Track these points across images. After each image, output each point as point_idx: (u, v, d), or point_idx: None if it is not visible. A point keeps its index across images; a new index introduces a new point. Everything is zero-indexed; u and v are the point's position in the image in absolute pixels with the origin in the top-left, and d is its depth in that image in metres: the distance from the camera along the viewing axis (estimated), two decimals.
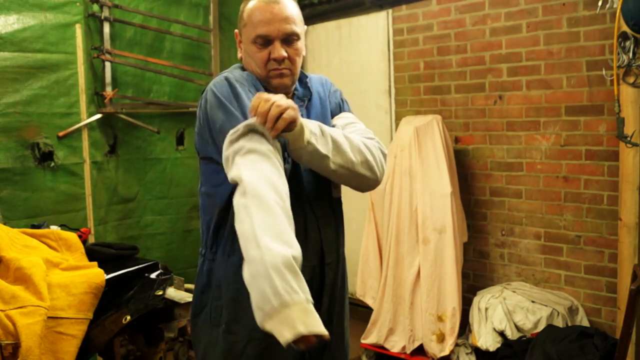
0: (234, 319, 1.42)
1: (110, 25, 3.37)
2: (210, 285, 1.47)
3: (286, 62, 1.42)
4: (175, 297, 2.94)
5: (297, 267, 1.12)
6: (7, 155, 2.94)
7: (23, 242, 2.20)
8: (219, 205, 1.44)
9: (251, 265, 1.13)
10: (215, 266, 1.46)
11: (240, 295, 1.38)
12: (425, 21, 3.71)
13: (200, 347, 1.51)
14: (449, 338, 3.07)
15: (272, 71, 1.43)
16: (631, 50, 2.62)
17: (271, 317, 1.07)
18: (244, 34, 1.46)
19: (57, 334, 1.88)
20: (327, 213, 1.52)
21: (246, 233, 1.15)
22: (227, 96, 1.38)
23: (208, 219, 1.50)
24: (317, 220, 1.48)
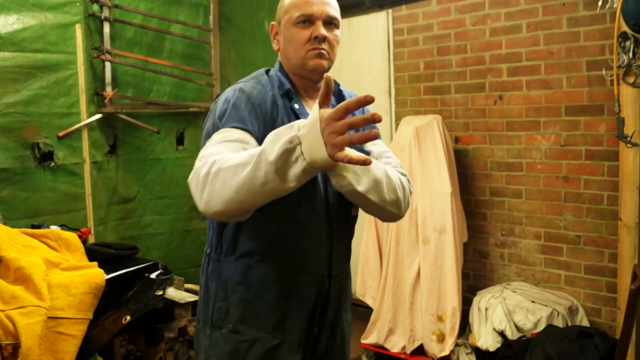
0: (241, 320, 1.40)
1: (110, 25, 3.37)
2: (215, 286, 1.44)
3: (326, 44, 1.41)
4: (175, 297, 2.94)
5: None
6: (7, 155, 2.94)
7: (23, 242, 2.20)
8: None
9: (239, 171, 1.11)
10: (220, 267, 1.44)
11: (247, 295, 1.39)
12: (425, 21, 3.71)
13: (201, 350, 1.48)
14: (449, 338, 3.07)
15: (310, 51, 1.40)
16: (631, 50, 2.62)
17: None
18: (284, 20, 1.44)
19: (57, 334, 1.88)
20: (342, 228, 1.50)
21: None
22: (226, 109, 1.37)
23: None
24: (332, 233, 1.45)
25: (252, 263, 1.39)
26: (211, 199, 1.15)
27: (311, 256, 1.42)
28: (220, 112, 1.36)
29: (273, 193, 1.12)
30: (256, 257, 1.39)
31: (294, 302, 1.41)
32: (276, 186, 1.09)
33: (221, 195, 1.13)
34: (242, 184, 1.11)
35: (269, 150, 1.08)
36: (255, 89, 1.41)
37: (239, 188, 1.11)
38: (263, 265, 1.39)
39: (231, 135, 1.29)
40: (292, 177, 1.08)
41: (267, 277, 1.39)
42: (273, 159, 1.06)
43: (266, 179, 1.08)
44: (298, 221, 1.39)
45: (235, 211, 1.18)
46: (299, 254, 1.40)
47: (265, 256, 1.39)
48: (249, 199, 1.13)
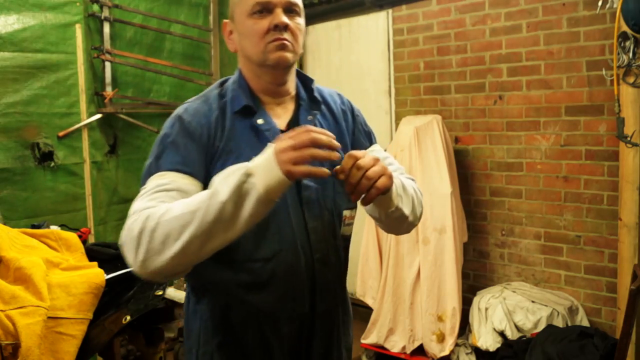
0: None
1: (110, 25, 3.37)
2: (198, 328, 1.29)
3: (289, 33, 1.22)
4: (175, 297, 2.94)
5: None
6: (7, 155, 2.94)
7: (23, 242, 2.20)
8: None
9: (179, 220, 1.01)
10: (199, 308, 1.28)
11: (227, 339, 1.26)
12: (425, 21, 3.71)
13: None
14: (449, 338, 3.07)
15: (271, 43, 1.20)
16: (631, 50, 2.62)
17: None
18: (237, 12, 1.26)
19: (57, 334, 1.88)
20: (329, 254, 1.28)
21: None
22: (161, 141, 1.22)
23: None
24: (313, 263, 1.25)
25: (230, 302, 1.25)
26: (148, 257, 1.02)
27: (286, 295, 1.23)
28: (157, 150, 1.20)
29: (225, 238, 1.01)
30: (232, 297, 1.24)
31: (275, 343, 1.26)
32: (229, 228, 0.99)
33: (162, 251, 1.01)
34: (189, 235, 0.99)
35: (220, 190, 0.99)
36: (198, 113, 1.23)
37: (186, 240, 0.99)
38: (240, 306, 1.24)
39: (168, 183, 1.13)
40: (245, 213, 0.99)
41: (245, 319, 1.24)
42: (225, 198, 0.97)
43: (218, 222, 0.98)
44: (266, 258, 1.21)
45: (176, 268, 1.04)
46: (273, 294, 1.23)
47: (240, 297, 1.23)
48: (197, 251, 1.01)
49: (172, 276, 1.09)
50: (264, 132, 1.22)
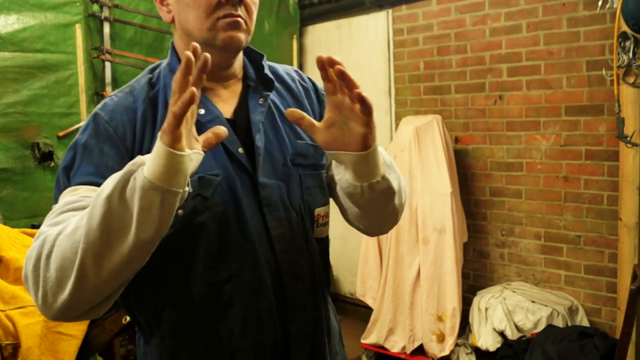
0: None
1: (110, 25, 3.37)
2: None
3: (242, 8, 1.00)
4: None
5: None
6: (7, 155, 2.94)
7: (23, 242, 2.20)
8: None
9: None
10: (148, 350, 1.05)
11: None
12: (425, 21, 3.71)
13: None
14: (449, 338, 3.07)
15: (222, 20, 0.97)
16: (631, 50, 2.62)
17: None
18: None
19: (57, 334, 1.88)
20: (300, 265, 1.05)
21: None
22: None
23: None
24: (282, 276, 1.02)
25: (179, 345, 1.00)
26: (48, 293, 0.81)
27: (250, 321, 1.00)
28: (67, 160, 0.97)
29: (124, 250, 0.78)
30: (183, 336, 0.99)
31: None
32: (122, 232, 0.77)
33: (61, 282, 0.80)
34: (82, 251, 0.78)
35: (105, 187, 0.79)
36: (119, 108, 0.99)
37: (79, 259, 0.78)
38: (194, 346, 0.99)
39: (79, 200, 0.89)
40: (135, 205, 0.77)
41: (204, 357, 1.00)
42: (108, 192, 0.77)
43: (106, 225, 0.77)
44: (221, 281, 0.98)
45: (85, 302, 0.82)
46: (234, 323, 0.99)
47: (193, 334, 0.99)
48: (96, 272, 0.79)
49: (88, 314, 0.86)
50: (207, 124, 0.95)
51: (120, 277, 0.83)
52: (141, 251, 0.80)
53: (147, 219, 0.77)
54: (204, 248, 0.96)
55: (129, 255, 0.79)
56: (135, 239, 0.78)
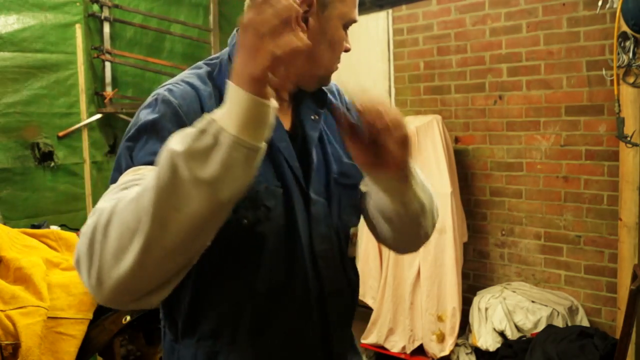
0: None
1: (110, 25, 3.37)
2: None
3: None
4: None
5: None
6: (7, 155, 2.94)
7: (23, 242, 2.20)
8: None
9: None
10: (178, 350, 1.03)
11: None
12: (425, 21, 3.71)
13: None
14: (449, 338, 3.07)
15: (335, 65, 1.05)
16: (631, 50, 2.62)
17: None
18: (336, 9, 0.98)
19: (57, 334, 1.88)
20: (338, 281, 1.06)
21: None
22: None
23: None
24: (325, 297, 1.03)
25: (218, 348, 0.99)
26: (104, 267, 0.71)
27: (293, 339, 1.02)
28: (132, 139, 0.90)
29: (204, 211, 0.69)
30: (222, 340, 0.99)
31: None
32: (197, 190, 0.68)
33: (118, 254, 0.71)
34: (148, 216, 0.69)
35: (173, 142, 0.71)
36: (188, 95, 0.94)
37: (144, 228, 0.69)
38: (232, 350, 0.99)
39: (141, 178, 0.81)
40: (216, 162, 0.68)
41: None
42: (183, 148, 0.69)
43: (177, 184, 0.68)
44: (270, 291, 0.98)
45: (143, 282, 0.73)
46: (276, 338, 1.00)
47: (233, 339, 0.99)
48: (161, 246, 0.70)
49: (142, 301, 0.76)
50: (276, 136, 0.98)
51: (186, 252, 0.73)
52: (211, 216, 0.71)
53: (230, 179, 0.69)
54: (259, 258, 0.96)
55: (198, 221, 0.70)
56: (208, 201, 0.69)
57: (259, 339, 0.99)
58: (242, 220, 0.90)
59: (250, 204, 0.92)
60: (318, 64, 1.01)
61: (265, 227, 0.95)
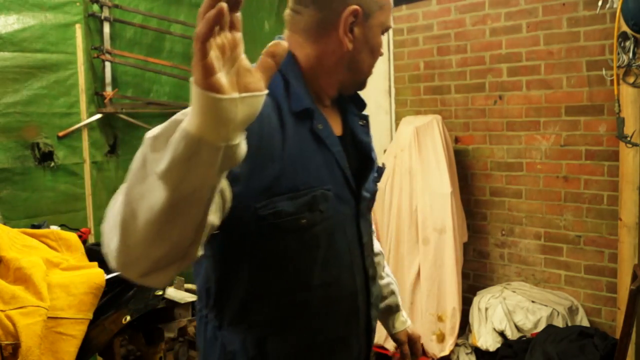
0: None
1: (110, 25, 3.37)
2: (218, 357, 1.10)
3: None
4: (175, 297, 2.94)
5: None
6: (7, 155, 2.94)
7: (23, 242, 2.20)
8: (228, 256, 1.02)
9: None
10: (224, 335, 1.08)
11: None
12: (425, 21, 3.71)
13: None
14: (449, 338, 3.07)
15: (372, 68, 1.15)
16: (631, 50, 2.62)
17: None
18: (375, 19, 1.06)
19: (57, 334, 1.88)
20: (374, 268, 1.21)
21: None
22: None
23: (209, 272, 1.07)
24: (368, 280, 1.15)
25: (267, 333, 1.06)
26: (105, 244, 0.77)
27: (344, 321, 1.11)
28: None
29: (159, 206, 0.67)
30: (273, 327, 1.06)
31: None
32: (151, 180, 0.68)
33: (111, 234, 0.74)
34: (125, 199, 0.72)
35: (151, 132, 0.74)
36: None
37: (121, 211, 0.72)
38: (282, 336, 1.06)
39: None
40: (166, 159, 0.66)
41: (288, 351, 1.07)
42: (153, 134, 0.72)
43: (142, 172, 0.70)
44: (324, 284, 1.07)
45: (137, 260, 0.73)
46: (329, 320, 1.09)
47: (284, 326, 1.06)
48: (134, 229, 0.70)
49: (149, 276, 0.77)
50: (324, 139, 1.05)
51: (163, 239, 0.70)
52: (175, 207, 0.68)
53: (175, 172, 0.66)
54: (315, 255, 1.04)
55: (162, 210, 0.68)
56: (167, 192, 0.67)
57: (308, 326, 1.07)
58: (301, 220, 0.98)
59: (308, 207, 1.00)
60: (360, 69, 1.10)
61: (320, 228, 1.03)
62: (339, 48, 1.05)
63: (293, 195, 0.98)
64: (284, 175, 0.96)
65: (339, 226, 1.07)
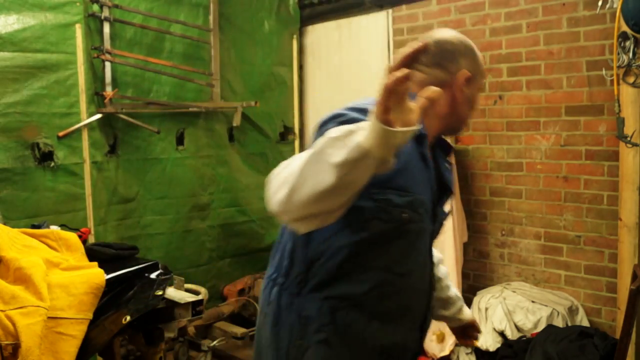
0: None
1: (110, 25, 3.37)
2: (292, 322, 1.30)
3: None
4: (175, 297, 2.94)
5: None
6: (7, 155, 2.94)
7: (23, 242, 2.20)
8: (328, 233, 1.24)
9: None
10: (300, 302, 1.29)
11: (334, 339, 1.28)
12: (425, 21, 3.71)
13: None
14: (449, 338, 3.07)
15: (469, 120, 1.43)
16: (631, 50, 2.62)
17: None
18: (476, 80, 1.36)
19: (57, 334, 1.88)
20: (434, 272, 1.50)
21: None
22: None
23: (300, 243, 1.29)
24: (433, 277, 1.46)
25: (342, 306, 1.27)
26: (270, 192, 1.04)
27: (408, 311, 1.35)
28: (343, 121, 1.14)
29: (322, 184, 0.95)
30: (349, 300, 1.27)
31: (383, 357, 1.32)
32: (324, 167, 0.94)
33: (280, 188, 1.01)
34: (298, 170, 0.98)
35: (332, 132, 0.97)
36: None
37: (293, 177, 0.99)
38: (354, 309, 1.27)
39: None
40: (341, 153, 0.93)
41: (355, 325, 1.27)
42: (333, 135, 0.95)
43: (321, 158, 0.94)
44: (401, 274, 1.29)
45: (297, 211, 1.01)
46: (396, 307, 1.32)
47: (359, 302, 1.27)
48: (301, 194, 0.97)
49: (298, 222, 1.06)
50: (428, 162, 1.30)
51: (315, 205, 0.99)
52: (332, 190, 0.95)
53: (345, 167, 0.93)
54: (405, 246, 1.28)
55: (323, 188, 0.95)
56: (333, 178, 0.93)
57: (380, 305, 1.28)
58: (403, 213, 1.22)
59: (411, 206, 1.24)
60: (461, 119, 1.37)
61: (414, 226, 1.26)
62: (450, 101, 1.32)
63: (401, 193, 1.22)
64: (398, 176, 1.20)
65: (423, 232, 1.31)
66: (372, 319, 1.28)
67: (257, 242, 4.22)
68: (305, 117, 4.52)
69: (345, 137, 0.94)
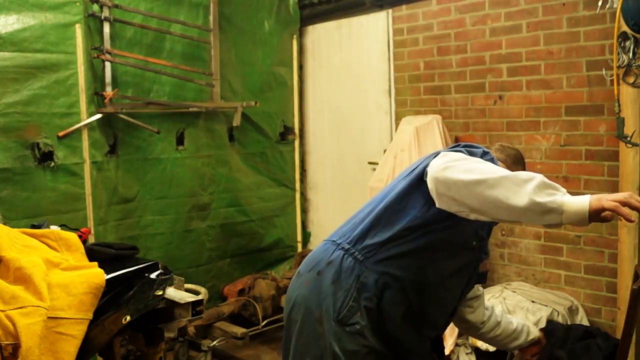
0: (369, 326, 1.48)
1: (110, 25, 3.37)
2: (350, 284, 1.50)
3: None
4: (175, 297, 2.94)
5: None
6: (7, 155, 2.94)
7: (23, 242, 2.20)
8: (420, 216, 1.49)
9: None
10: (362, 269, 1.51)
11: (379, 310, 1.50)
12: (425, 21, 3.71)
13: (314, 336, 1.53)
14: (449, 338, 3.07)
15: None
16: (631, 50, 2.62)
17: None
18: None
19: (57, 334, 1.88)
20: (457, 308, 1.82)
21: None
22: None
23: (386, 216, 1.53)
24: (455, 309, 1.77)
25: (392, 284, 1.50)
26: (452, 171, 1.32)
27: (438, 309, 1.62)
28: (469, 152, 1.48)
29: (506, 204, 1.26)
30: (399, 284, 1.50)
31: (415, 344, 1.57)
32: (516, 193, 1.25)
33: (465, 174, 1.30)
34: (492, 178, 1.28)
35: (538, 177, 1.27)
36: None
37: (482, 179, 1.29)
38: (400, 293, 1.51)
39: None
40: (541, 198, 1.23)
41: (396, 305, 1.51)
42: (540, 181, 1.26)
43: (520, 185, 1.25)
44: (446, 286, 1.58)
45: (457, 195, 1.33)
46: (429, 302, 1.56)
47: (405, 287, 1.51)
48: (477, 193, 1.28)
49: (450, 200, 1.36)
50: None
51: (482, 207, 1.32)
52: (510, 213, 1.28)
53: (536, 206, 1.24)
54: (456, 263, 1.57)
55: (504, 205, 1.27)
56: (521, 205, 1.25)
57: (418, 298, 1.52)
58: (473, 242, 1.59)
59: (478, 237, 1.60)
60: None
61: (471, 254, 1.61)
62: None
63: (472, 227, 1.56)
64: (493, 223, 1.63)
65: (472, 263, 1.63)
66: (413, 304, 1.52)
67: (257, 242, 4.22)
68: (305, 117, 4.52)
69: (555, 188, 1.23)
